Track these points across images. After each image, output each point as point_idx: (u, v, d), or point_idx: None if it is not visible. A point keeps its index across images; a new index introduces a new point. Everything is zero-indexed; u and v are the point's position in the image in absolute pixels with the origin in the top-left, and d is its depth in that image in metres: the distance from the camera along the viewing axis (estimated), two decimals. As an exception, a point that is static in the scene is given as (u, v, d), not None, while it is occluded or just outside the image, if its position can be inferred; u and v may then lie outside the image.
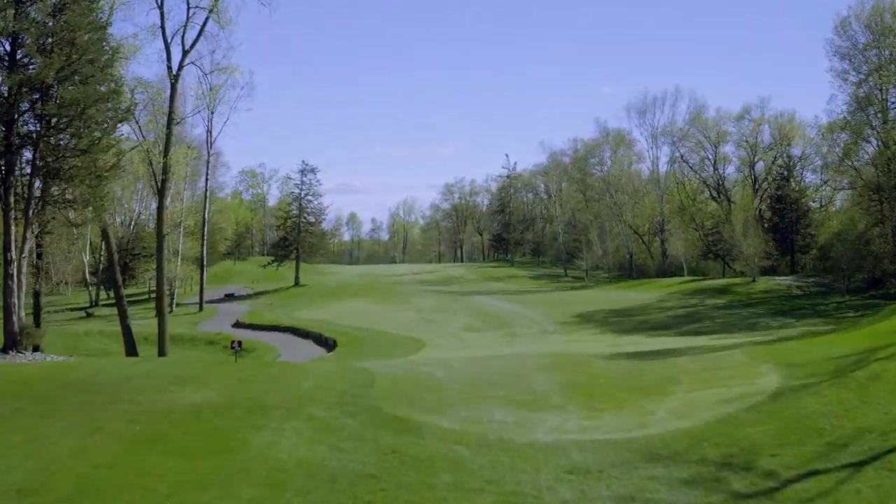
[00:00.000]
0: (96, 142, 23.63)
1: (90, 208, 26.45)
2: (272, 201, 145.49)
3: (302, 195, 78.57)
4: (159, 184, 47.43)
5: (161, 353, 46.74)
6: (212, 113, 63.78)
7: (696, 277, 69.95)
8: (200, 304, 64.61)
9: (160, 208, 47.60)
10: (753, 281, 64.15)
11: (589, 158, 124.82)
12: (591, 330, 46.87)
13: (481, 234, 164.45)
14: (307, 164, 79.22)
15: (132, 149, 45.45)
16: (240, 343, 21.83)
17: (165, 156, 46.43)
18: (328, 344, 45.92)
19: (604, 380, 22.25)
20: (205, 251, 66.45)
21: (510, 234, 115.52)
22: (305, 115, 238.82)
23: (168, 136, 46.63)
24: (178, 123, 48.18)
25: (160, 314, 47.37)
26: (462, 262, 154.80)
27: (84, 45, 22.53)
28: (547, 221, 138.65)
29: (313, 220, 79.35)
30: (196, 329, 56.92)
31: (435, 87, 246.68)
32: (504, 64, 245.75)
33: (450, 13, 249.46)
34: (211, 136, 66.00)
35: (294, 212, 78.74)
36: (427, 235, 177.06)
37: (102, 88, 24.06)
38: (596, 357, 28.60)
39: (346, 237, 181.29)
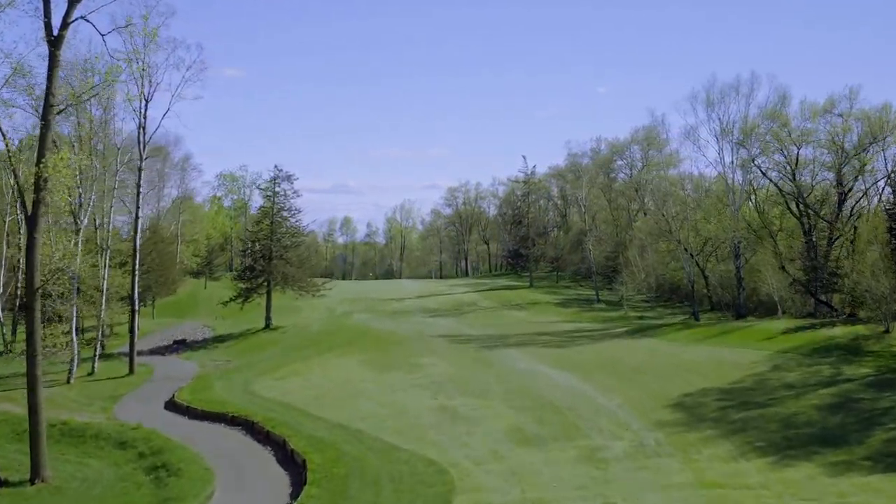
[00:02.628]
0: None
1: None
2: (255, 208, 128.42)
3: (274, 210, 59.98)
4: (29, 206, 30.13)
5: (34, 474, 29.45)
6: (146, 101, 46.16)
7: (799, 324, 52.31)
8: (131, 363, 46.95)
9: (30, 246, 30.14)
10: (886, 332, 47.19)
11: (616, 160, 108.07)
12: (712, 441, 29.47)
13: (488, 244, 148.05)
14: (281, 170, 60.71)
15: None
16: None
17: (38, 163, 29.14)
18: (296, 463, 28.64)
19: None
20: (136, 290, 48.59)
21: (529, 249, 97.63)
22: (298, 115, 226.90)
23: (43, 130, 29.40)
24: (60, 112, 30.73)
25: (32, 414, 29.95)
26: (468, 275, 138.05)
27: None
28: (561, 229, 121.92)
29: (288, 242, 60.84)
30: (112, 411, 39.33)
31: (428, 88, 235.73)
32: (499, 65, 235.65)
33: (445, 13, 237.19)
34: (144, 132, 48.12)
35: (264, 232, 60.09)
36: (427, 243, 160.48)
37: None
38: None
39: (341, 241, 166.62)
